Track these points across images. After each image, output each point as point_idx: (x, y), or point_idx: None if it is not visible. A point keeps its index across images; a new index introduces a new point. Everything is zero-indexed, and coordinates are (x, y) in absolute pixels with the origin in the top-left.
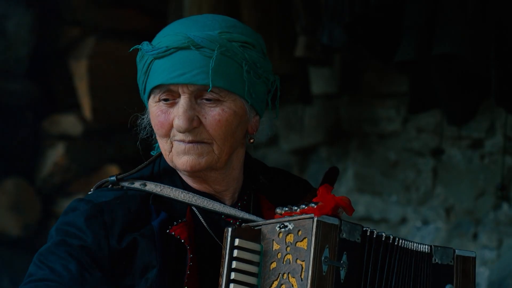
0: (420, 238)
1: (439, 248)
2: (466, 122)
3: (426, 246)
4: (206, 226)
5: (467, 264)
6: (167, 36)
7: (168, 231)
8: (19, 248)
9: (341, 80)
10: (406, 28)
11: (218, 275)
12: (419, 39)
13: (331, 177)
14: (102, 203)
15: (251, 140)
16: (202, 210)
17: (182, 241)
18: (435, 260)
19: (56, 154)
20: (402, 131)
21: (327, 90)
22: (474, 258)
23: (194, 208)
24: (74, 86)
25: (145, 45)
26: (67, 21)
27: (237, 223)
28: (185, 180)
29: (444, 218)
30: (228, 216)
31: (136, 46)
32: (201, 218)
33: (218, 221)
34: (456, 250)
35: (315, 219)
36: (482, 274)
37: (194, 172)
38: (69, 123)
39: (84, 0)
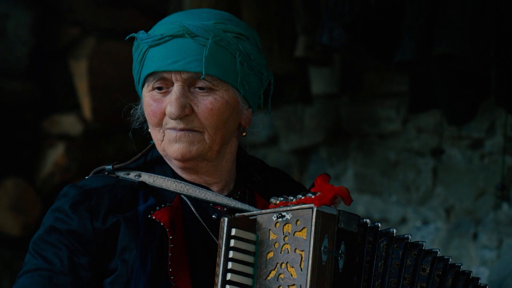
0: (420, 238)
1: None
2: (466, 122)
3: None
4: (195, 212)
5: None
6: (162, 25)
7: (149, 215)
8: (19, 248)
9: (341, 80)
10: (406, 28)
11: (209, 261)
12: (419, 39)
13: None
14: (91, 189)
15: (244, 134)
16: (192, 198)
17: (162, 224)
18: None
19: (56, 154)
20: (402, 131)
21: (327, 90)
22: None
23: (183, 196)
24: (74, 86)
25: (141, 34)
26: (67, 21)
27: (225, 209)
28: (176, 171)
29: (444, 218)
30: (218, 204)
31: (132, 34)
32: (190, 205)
33: (206, 208)
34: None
35: (315, 209)
36: (482, 274)
37: (185, 161)
38: (69, 123)
39: (84, 0)
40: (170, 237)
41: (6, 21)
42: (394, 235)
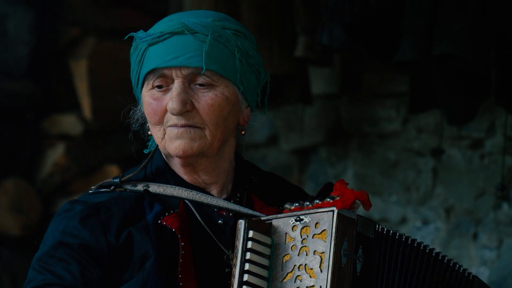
0: (420, 238)
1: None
2: (466, 122)
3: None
4: (199, 218)
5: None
6: (161, 23)
7: (159, 221)
8: (19, 248)
9: (341, 80)
10: (406, 28)
11: (214, 266)
12: (419, 39)
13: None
14: (98, 203)
15: (242, 132)
16: (195, 203)
17: (173, 230)
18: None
19: (56, 154)
20: (402, 131)
21: (327, 90)
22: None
23: (187, 202)
24: (74, 86)
25: (139, 33)
26: (67, 21)
27: (230, 214)
28: (177, 172)
29: (444, 218)
30: (223, 209)
31: (131, 34)
32: (194, 210)
33: (211, 214)
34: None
35: (336, 211)
36: (482, 274)
37: (186, 158)
38: (69, 123)
39: (84, 0)
40: (182, 244)
41: (6, 21)
42: (396, 237)
